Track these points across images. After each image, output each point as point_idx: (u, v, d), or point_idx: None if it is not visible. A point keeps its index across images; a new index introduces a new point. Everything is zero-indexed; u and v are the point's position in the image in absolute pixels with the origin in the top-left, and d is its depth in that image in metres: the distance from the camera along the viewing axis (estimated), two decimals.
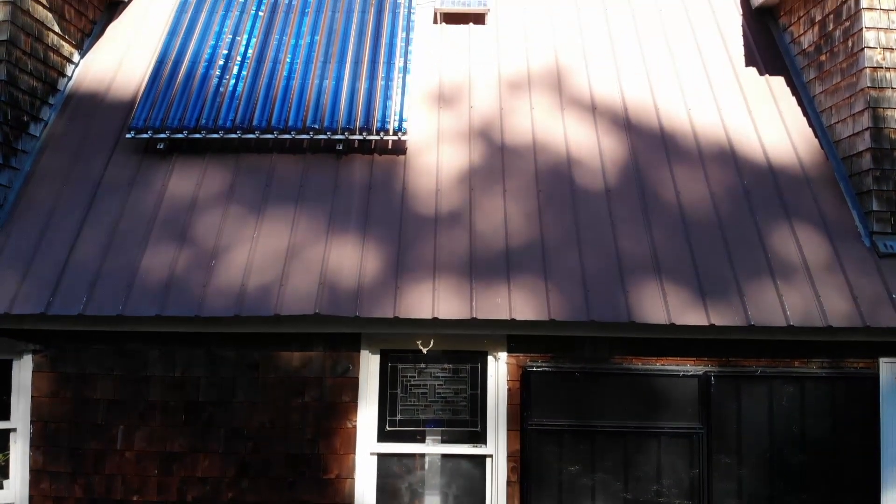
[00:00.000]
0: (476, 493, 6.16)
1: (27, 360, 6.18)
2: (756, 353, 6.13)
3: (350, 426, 6.08)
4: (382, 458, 6.16)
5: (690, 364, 6.12)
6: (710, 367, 6.10)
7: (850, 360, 6.17)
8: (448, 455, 6.18)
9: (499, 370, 6.16)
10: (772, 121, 7.31)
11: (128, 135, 6.89)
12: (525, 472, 5.98)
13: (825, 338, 6.06)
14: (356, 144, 6.99)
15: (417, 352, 6.11)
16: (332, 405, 6.09)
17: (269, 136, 6.91)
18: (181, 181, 6.75)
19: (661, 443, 6.01)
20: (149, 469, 6.03)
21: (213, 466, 6.05)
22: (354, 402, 6.10)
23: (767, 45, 8.01)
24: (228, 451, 6.05)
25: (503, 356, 6.14)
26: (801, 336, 6.04)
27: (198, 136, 6.90)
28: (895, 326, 5.92)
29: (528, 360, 6.10)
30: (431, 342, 6.07)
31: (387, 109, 7.03)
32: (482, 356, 6.22)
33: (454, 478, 6.19)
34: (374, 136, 6.90)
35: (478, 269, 6.15)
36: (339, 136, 6.89)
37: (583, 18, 8.27)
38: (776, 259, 6.28)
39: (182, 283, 6.03)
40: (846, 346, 6.14)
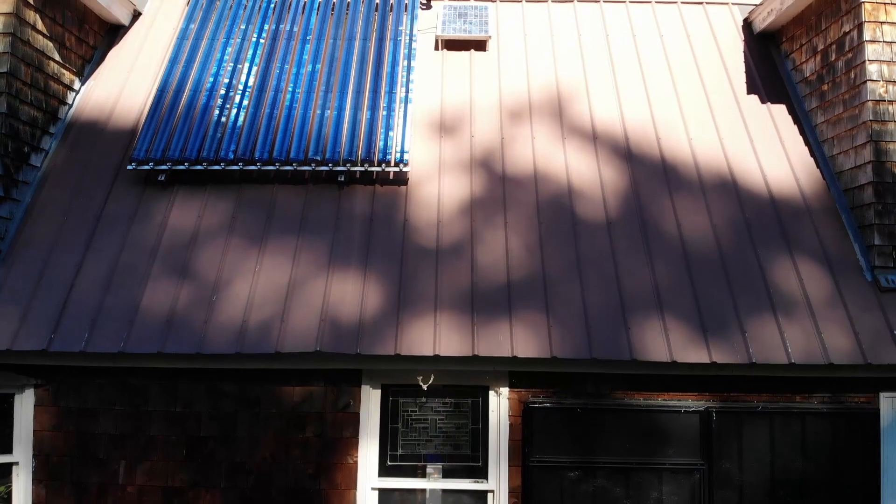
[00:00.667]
0: None
1: (29, 394, 6.18)
2: (757, 388, 6.13)
3: (351, 461, 6.09)
4: (384, 494, 6.16)
5: (692, 399, 6.13)
6: (712, 403, 6.10)
7: (851, 395, 6.17)
8: (449, 490, 6.18)
9: (500, 405, 6.16)
10: (773, 150, 7.30)
11: (129, 166, 6.88)
12: None
13: (826, 374, 6.06)
14: (358, 175, 6.99)
15: (419, 386, 6.11)
16: (334, 440, 6.09)
17: (271, 168, 6.91)
18: (182, 214, 6.75)
19: (663, 479, 6.02)
20: None
21: (215, 501, 6.05)
22: (355, 438, 6.11)
23: (769, 72, 8.00)
24: (230, 486, 6.06)
25: (505, 391, 6.15)
26: (803, 372, 6.04)
27: (199, 168, 6.90)
28: None
29: (530, 396, 6.10)
30: (432, 378, 6.07)
31: (388, 140, 7.03)
32: (483, 390, 6.22)
33: None
34: (376, 168, 6.90)
35: (479, 304, 6.15)
36: (341, 168, 6.89)
37: (584, 45, 8.27)
38: (777, 293, 6.28)
39: (183, 320, 6.03)
40: (847, 381, 6.14)
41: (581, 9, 8.68)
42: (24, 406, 6.18)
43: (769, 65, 8.08)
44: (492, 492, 6.12)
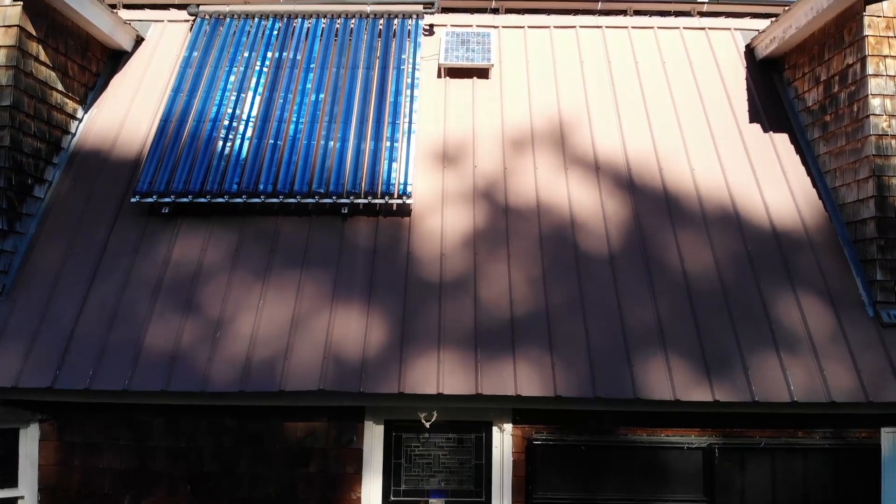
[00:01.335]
0: None
1: (34, 429, 6.21)
2: (759, 424, 6.15)
3: (355, 497, 6.11)
4: None
5: (695, 435, 6.15)
6: (714, 439, 6.12)
7: (853, 430, 6.20)
8: None
9: (503, 441, 6.18)
10: (776, 180, 7.30)
11: (132, 199, 6.88)
12: None
13: (828, 410, 6.07)
14: (361, 207, 7.00)
15: (421, 422, 6.13)
16: (337, 477, 6.11)
17: (275, 200, 6.92)
18: (186, 247, 6.76)
19: None
20: None
21: None
22: (359, 473, 6.13)
23: (772, 100, 7.99)
24: None
25: (508, 427, 6.17)
26: (805, 409, 6.05)
27: (203, 201, 6.90)
28: None
29: (534, 433, 6.12)
30: (435, 415, 6.08)
31: (392, 172, 7.04)
32: (487, 426, 6.24)
33: None
34: (379, 200, 6.91)
35: (482, 341, 6.17)
36: (344, 200, 6.90)
37: (586, 71, 8.26)
38: (780, 329, 6.29)
39: (187, 357, 6.05)
40: (849, 416, 6.16)
41: (583, 34, 8.68)
42: (29, 440, 6.21)
43: (772, 92, 8.07)
44: None
